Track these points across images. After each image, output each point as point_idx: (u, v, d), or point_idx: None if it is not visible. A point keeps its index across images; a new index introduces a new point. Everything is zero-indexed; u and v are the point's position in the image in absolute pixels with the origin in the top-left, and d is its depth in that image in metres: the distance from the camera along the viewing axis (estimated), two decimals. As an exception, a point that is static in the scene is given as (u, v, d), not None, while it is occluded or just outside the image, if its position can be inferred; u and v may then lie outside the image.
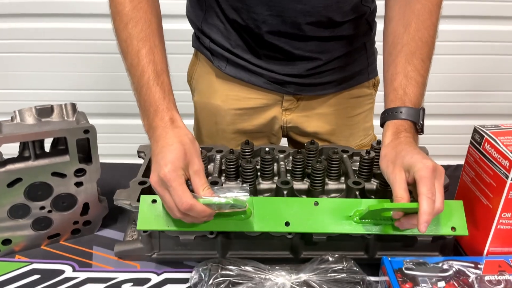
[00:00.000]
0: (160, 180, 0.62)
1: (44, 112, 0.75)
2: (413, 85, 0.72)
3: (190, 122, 1.14)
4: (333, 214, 0.69)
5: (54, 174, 0.75)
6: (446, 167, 1.02)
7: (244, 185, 0.66)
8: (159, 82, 0.70)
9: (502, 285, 0.65)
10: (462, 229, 0.69)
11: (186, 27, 1.05)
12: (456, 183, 0.81)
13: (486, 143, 0.70)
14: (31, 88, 2.05)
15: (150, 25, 0.73)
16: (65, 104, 0.76)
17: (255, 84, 0.96)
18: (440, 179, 0.63)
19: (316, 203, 0.70)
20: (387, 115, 0.73)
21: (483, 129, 0.71)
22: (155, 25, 0.74)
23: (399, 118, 0.71)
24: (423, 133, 0.72)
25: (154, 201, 0.69)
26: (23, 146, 0.74)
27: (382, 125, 0.74)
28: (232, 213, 0.66)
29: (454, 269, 0.68)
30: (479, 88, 2.11)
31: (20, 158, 0.73)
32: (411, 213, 0.65)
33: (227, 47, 0.94)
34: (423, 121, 0.71)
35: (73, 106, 0.77)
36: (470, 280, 0.66)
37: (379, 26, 0.90)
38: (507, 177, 0.65)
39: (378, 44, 1.03)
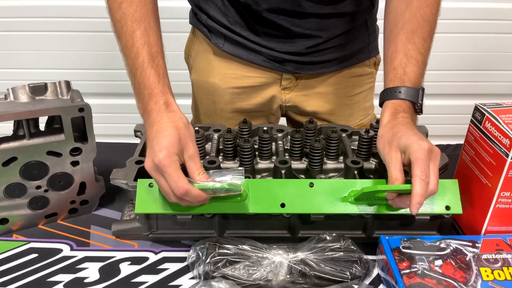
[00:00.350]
0: (155, 166, 0.62)
1: (37, 90, 0.73)
2: (413, 64, 0.71)
3: (187, 102, 1.13)
4: (328, 195, 0.69)
5: (50, 153, 0.74)
6: (446, 147, 1.02)
7: (239, 168, 0.66)
8: (154, 65, 0.68)
9: (500, 263, 0.66)
10: (457, 208, 0.69)
11: (183, 4, 1.03)
12: (456, 162, 0.80)
13: (487, 121, 0.69)
14: (24, 68, 2.03)
15: (145, 5, 0.71)
16: (59, 82, 0.75)
17: (253, 62, 0.95)
18: (435, 160, 0.63)
19: (312, 184, 0.70)
20: (386, 95, 0.72)
21: (484, 107, 0.70)
22: (150, 5, 0.72)
23: (398, 98, 0.70)
24: (422, 113, 0.71)
25: (151, 184, 0.69)
26: (17, 124, 0.73)
27: (381, 104, 0.73)
28: (228, 196, 0.66)
29: (451, 248, 0.68)
30: (480, 67, 2.08)
31: (15, 137, 0.72)
32: (405, 193, 0.65)
33: (225, 24, 0.92)
34: (422, 101, 0.70)
35: (67, 83, 0.76)
36: (467, 258, 0.66)
37: (381, 3, 0.88)
38: (507, 155, 0.64)
39: (380, 22, 1.01)
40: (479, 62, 2.07)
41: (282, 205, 0.69)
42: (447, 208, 0.69)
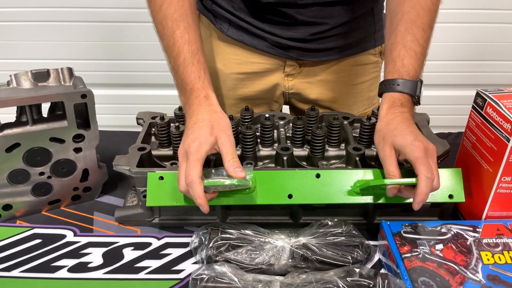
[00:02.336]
0: (185, 151, 0.66)
1: (40, 76, 0.74)
2: (411, 56, 0.71)
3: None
4: (334, 185, 0.70)
5: (53, 139, 0.74)
6: (447, 135, 1.02)
7: (248, 165, 0.69)
8: (195, 62, 0.73)
9: (500, 247, 0.66)
10: (460, 197, 0.70)
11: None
12: (457, 150, 0.80)
13: (488, 107, 0.69)
14: (27, 58, 2.02)
15: (183, 5, 0.75)
16: (61, 69, 0.75)
17: (257, 47, 0.95)
18: (433, 157, 0.64)
19: (318, 175, 0.70)
20: (384, 87, 0.72)
21: (486, 93, 0.70)
22: (188, 3, 0.76)
23: (395, 90, 0.70)
24: (420, 104, 0.72)
25: (161, 178, 0.70)
26: (20, 111, 0.73)
27: (379, 95, 0.73)
28: (237, 189, 0.68)
29: (452, 233, 0.68)
30: (482, 57, 2.08)
31: (18, 123, 0.73)
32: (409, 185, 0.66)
33: (230, 10, 0.92)
34: (420, 93, 0.70)
35: (70, 70, 0.76)
36: (468, 243, 0.67)
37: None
38: (508, 140, 0.65)
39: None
40: (480, 52, 2.07)
41: (290, 196, 0.69)
42: (450, 196, 0.70)
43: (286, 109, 1.10)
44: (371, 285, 0.60)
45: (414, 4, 0.73)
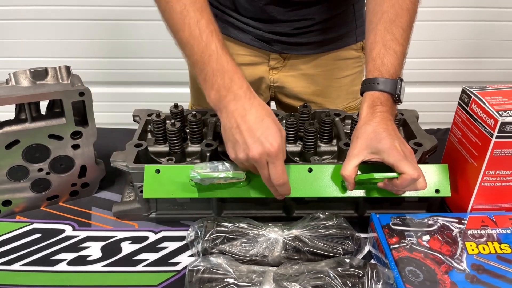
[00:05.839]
0: (266, 154, 0.64)
1: (38, 74, 0.75)
2: (391, 55, 0.72)
3: (184, 90, 1.14)
4: (326, 179, 0.73)
5: (51, 136, 0.76)
6: (436, 131, 1.05)
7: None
8: (228, 51, 0.70)
9: (484, 238, 0.69)
10: (445, 191, 0.73)
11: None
12: (445, 145, 0.83)
13: (473, 103, 0.72)
14: (25, 56, 2.03)
15: None
16: (59, 67, 0.77)
17: (242, 40, 0.97)
18: (413, 159, 0.67)
19: (310, 170, 0.73)
20: (365, 86, 0.73)
21: (471, 90, 0.73)
22: None
23: (376, 89, 0.72)
24: (401, 103, 0.73)
25: (157, 171, 0.72)
26: (19, 108, 0.75)
27: (361, 94, 0.75)
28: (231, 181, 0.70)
29: (438, 224, 0.71)
30: (470, 55, 2.11)
31: (17, 120, 0.74)
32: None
33: (216, 5, 0.95)
34: (400, 91, 0.72)
35: (68, 68, 0.77)
36: (453, 234, 0.70)
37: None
38: (491, 135, 0.67)
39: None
40: (469, 50, 2.10)
41: None
42: (437, 191, 0.72)
43: (272, 105, 1.12)
44: (360, 275, 0.62)
45: (393, 3, 0.74)
